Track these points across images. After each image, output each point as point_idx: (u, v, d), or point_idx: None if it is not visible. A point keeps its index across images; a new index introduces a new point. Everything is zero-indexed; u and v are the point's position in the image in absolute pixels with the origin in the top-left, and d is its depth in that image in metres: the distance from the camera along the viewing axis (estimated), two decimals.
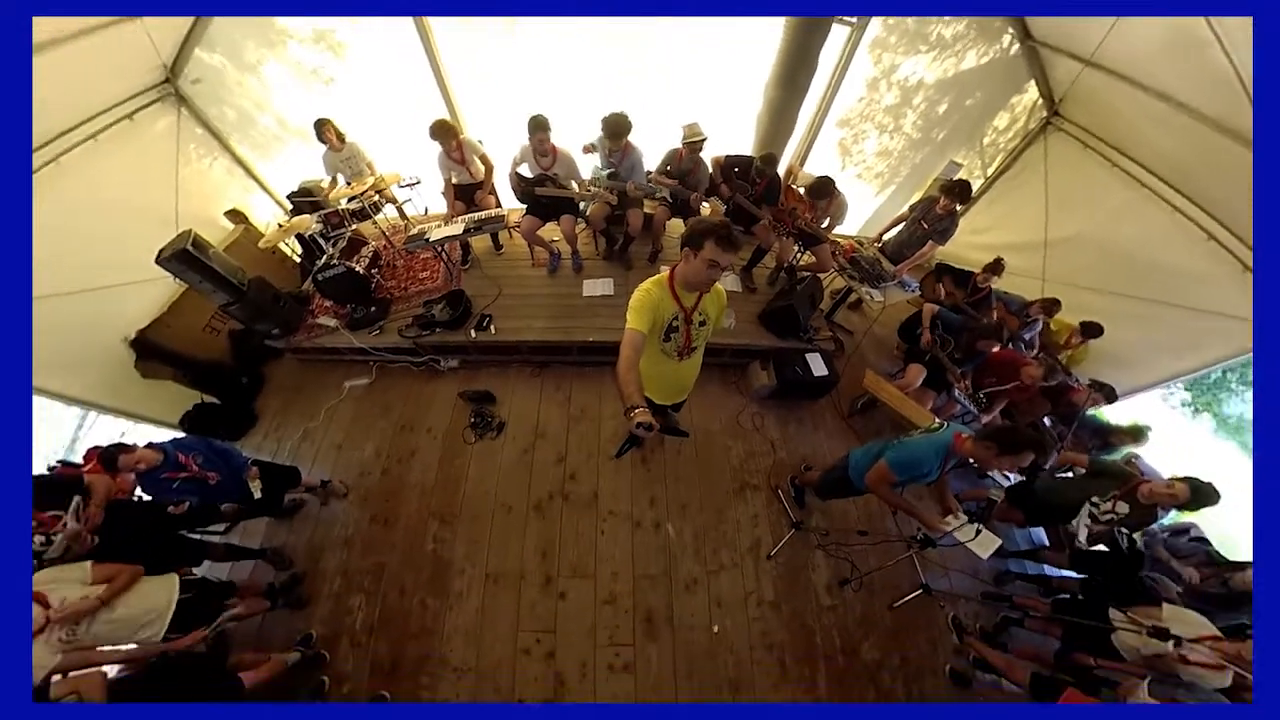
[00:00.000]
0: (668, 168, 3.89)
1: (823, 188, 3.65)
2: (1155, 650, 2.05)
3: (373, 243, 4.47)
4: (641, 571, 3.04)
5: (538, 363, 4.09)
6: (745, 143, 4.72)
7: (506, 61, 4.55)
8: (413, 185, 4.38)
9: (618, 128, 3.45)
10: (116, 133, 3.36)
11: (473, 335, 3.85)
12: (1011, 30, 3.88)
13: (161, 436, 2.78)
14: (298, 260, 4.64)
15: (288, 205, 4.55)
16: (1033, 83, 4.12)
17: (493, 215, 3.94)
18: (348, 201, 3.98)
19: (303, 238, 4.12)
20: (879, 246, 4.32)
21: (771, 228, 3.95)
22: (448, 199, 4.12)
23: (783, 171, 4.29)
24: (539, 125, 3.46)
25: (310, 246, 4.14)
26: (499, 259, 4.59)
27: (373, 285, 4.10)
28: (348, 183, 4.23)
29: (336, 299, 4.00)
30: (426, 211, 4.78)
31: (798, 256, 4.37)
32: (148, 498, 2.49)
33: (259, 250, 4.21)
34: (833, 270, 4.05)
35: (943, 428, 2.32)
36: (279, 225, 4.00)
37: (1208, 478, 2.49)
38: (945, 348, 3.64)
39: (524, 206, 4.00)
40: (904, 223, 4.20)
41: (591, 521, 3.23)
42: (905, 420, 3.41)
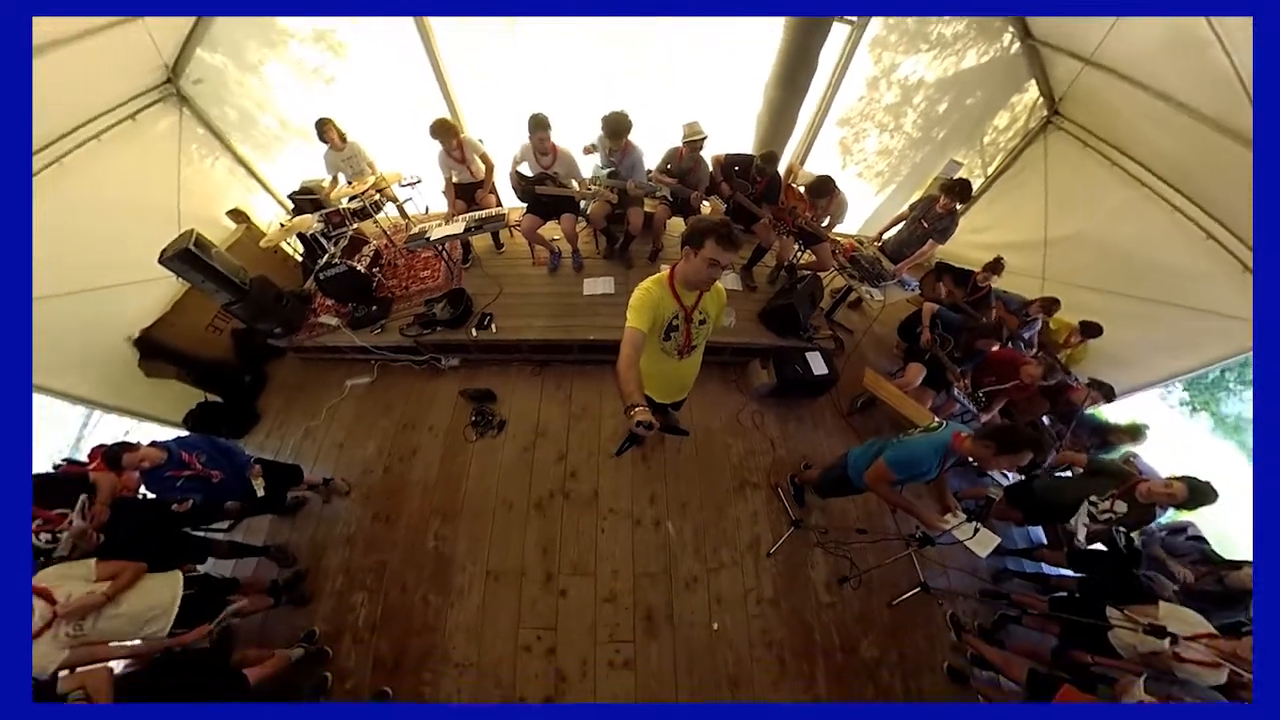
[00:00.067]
0: (668, 166, 3.90)
1: (823, 186, 3.65)
2: (1151, 648, 2.06)
3: (374, 242, 4.49)
4: (642, 569, 3.06)
5: (538, 361, 4.10)
6: (746, 141, 4.73)
7: (506, 61, 4.55)
8: (413, 184, 4.39)
9: (618, 127, 3.46)
10: (119, 133, 3.37)
11: (474, 334, 3.87)
12: (1012, 29, 3.87)
13: (165, 435, 2.81)
14: (299, 259, 4.66)
15: (289, 205, 4.58)
16: (1033, 82, 4.11)
17: (493, 214, 3.95)
18: (349, 201, 3.99)
19: (304, 237, 4.13)
20: (879, 245, 4.32)
21: (772, 226, 3.95)
22: (448, 198, 4.13)
23: (783, 170, 4.29)
24: (539, 124, 3.46)
25: (312, 246, 4.14)
26: (500, 258, 4.60)
27: (374, 284, 4.12)
28: (349, 182, 4.24)
29: (338, 298, 4.01)
30: (427, 210, 4.79)
31: (798, 255, 4.38)
32: (152, 496, 2.51)
33: (261, 250, 4.22)
34: (833, 269, 4.06)
35: (942, 426, 2.33)
36: (281, 224, 4.01)
37: (1205, 477, 2.49)
38: (945, 347, 3.65)
39: (524, 205, 4.01)
40: (904, 222, 4.21)
41: (592, 519, 3.25)
42: (904, 419, 3.42)
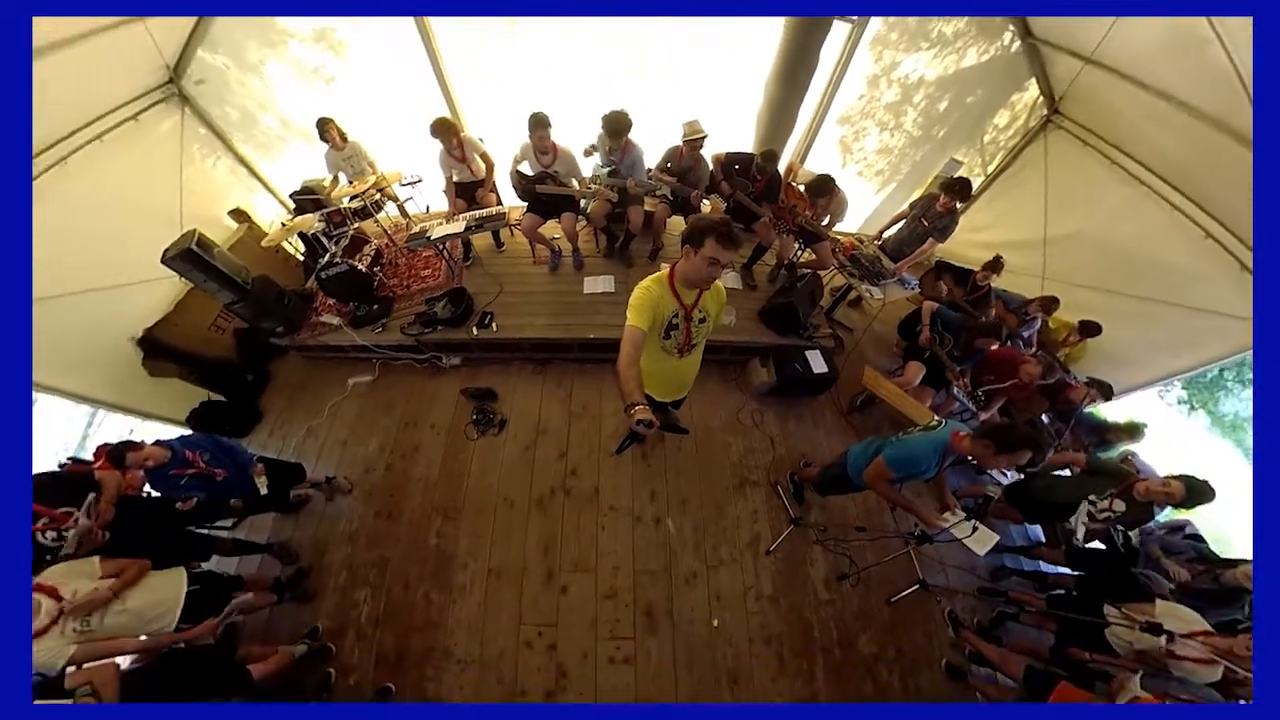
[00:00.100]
0: (668, 165, 3.91)
1: (823, 185, 3.65)
2: (1148, 645, 2.08)
3: (375, 241, 4.50)
4: (642, 566, 3.08)
5: (539, 360, 4.11)
6: (746, 140, 4.73)
7: (506, 61, 4.55)
8: (414, 183, 4.38)
9: (618, 125, 3.47)
10: (121, 134, 3.38)
11: (474, 332, 3.88)
12: (1012, 28, 3.87)
13: (169, 434, 2.83)
14: (301, 259, 4.67)
15: (290, 204, 4.59)
16: (1033, 80, 4.11)
17: (494, 213, 3.96)
18: (350, 200, 4.00)
19: (306, 236, 4.14)
20: (879, 244, 4.33)
21: (772, 225, 3.96)
22: (449, 197, 4.15)
23: (783, 169, 4.29)
24: (539, 122, 3.47)
25: (313, 245, 4.16)
26: (500, 256, 4.62)
27: (375, 283, 4.14)
28: (350, 181, 4.25)
29: (339, 297, 4.03)
30: (428, 209, 4.80)
31: (798, 254, 4.38)
32: (156, 494, 2.53)
33: (262, 249, 4.22)
34: (833, 267, 4.06)
35: (941, 425, 2.33)
36: (282, 224, 4.01)
37: (1203, 475, 2.50)
38: (944, 345, 3.66)
39: (525, 204, 4.02)
40: (904, 220, 4.21)
41: (592, 517, 3.27)
42: (904, 417, 3.42)
